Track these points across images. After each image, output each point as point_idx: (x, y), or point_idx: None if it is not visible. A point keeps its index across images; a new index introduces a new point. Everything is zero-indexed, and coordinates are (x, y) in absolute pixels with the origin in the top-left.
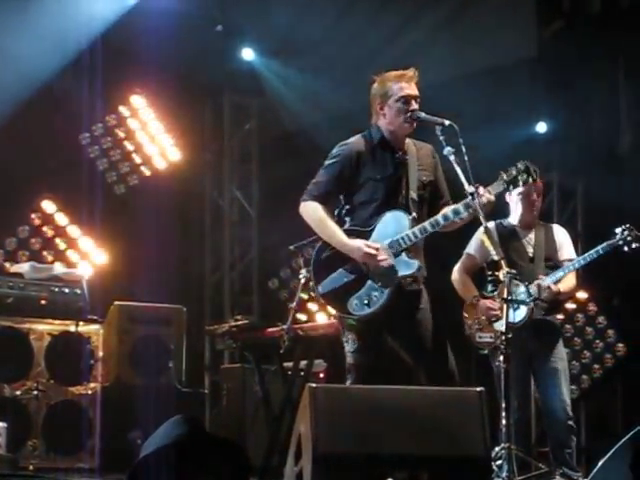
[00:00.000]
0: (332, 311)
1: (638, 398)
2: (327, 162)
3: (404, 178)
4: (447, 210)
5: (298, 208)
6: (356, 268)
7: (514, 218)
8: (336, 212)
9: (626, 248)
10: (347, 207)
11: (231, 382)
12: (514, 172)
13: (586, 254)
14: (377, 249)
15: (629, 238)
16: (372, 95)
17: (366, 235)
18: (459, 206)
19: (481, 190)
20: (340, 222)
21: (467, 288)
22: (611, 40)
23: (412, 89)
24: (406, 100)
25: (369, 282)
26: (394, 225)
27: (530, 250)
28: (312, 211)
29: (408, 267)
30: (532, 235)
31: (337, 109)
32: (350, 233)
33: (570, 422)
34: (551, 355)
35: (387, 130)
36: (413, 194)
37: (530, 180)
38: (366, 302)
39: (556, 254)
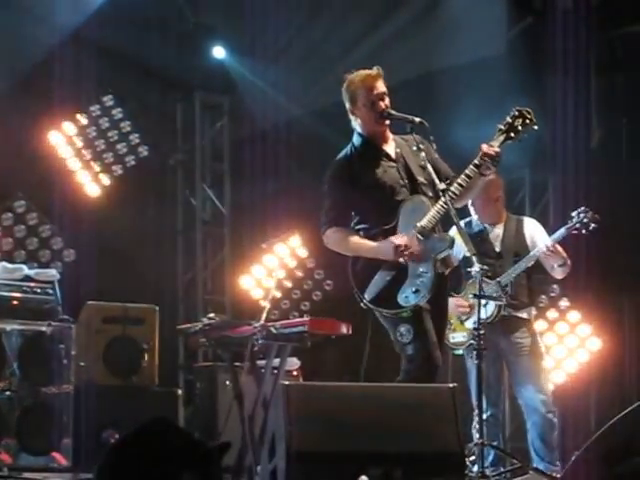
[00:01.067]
0: (384, 312)
1: (611, 394)
2: (325, 187)
3: (404, 168)
4: (459, 179)
5: (271, 206)
6: (394, 265)
7: (480, 215)
8: (352, 225)
9: (584, 230)
10: (359, 217)
11: (204, 381)
12: (509, 119)
13: (546, 241)
14: (405, 243)
15: (586, 220)
16: (343, 98)
17: (392, 231)
18: (467, 170)
19: (484, 147)
20: (359, 232)
21: None
22: (580, 36)
23: (378, 87)
24: (374, 100)
25: (410, 272)
26: (415, 211)
27: (497, 247)
28: (332, 237)
29: (442, 243)
30: (500, 230)
31: (309, 106)
32: (377, 235)
33: (550, 415)
34: (523, 349)
35: (366, 131)
36: (420, 178)
37: (529, 123)
38: (414, 290)
39: (526, 248)
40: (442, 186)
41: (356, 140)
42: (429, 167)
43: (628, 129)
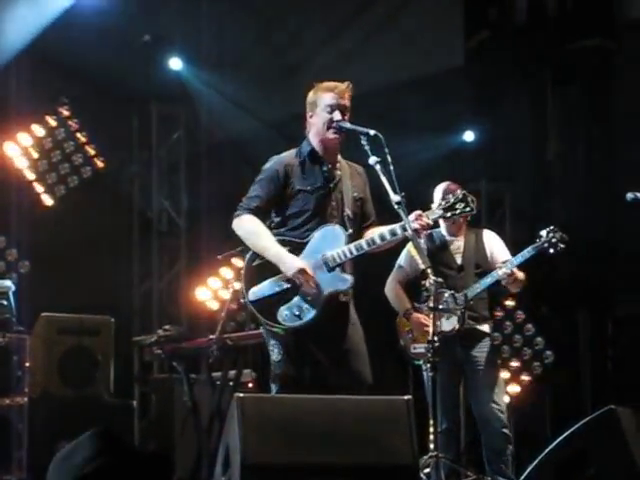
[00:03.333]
0: (260, 319)
1: (565, 405)
2: (259, 177)
3: (337, 194)
4: (384, 230)
5: (228, 218)
6: (288, 279)
7: (442, 227)
8: (267, 224)
9: (552, 250)
10: (277, 219)
11: (160, 393)
12: (452, 200)
13: (513, 258)
14: (308, 271)
15: (554, 240)
16: (306, 104)
17: (301, 247)
18: (396, 227)
19: (419, 217)
20: (272, 233)
21: (399, 300)
22: (537, 49)
23: (341, 100)
24: (332, 110)
25: (300, 294)
26: (330, 240)
27: (459, 259)
28: (247, 224)
29: (342, 282)
30: (461, 243)
31: (266, 119)
32: (285, 244)
33: (505, 430)
34: (483, 364)
35: (316, 141)
36: (348, 210)
37: (467, 210)
38: (297, 313)
39: (487, 260)
40: (396, 197)
41: (304, 147)
42: (381, 177)
43: (584, 142)
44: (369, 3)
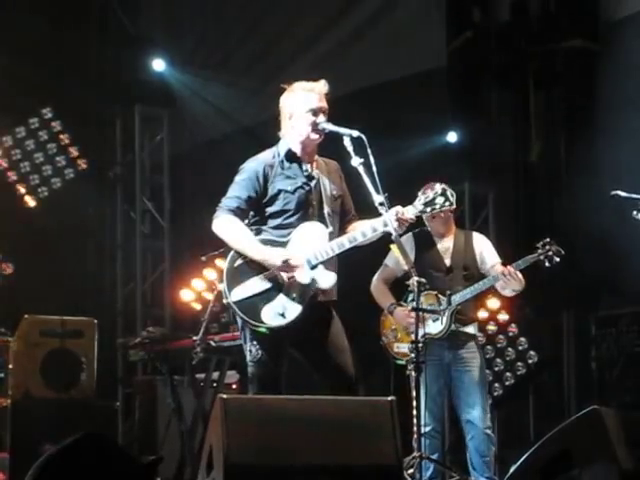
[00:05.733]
0: (242, 319)
1: (549, 406)
2: (237, 177)
3: (316, 192)
4: (365, 227)
5: (210, 220)
6: (271, 278)
7: (430, 228)
8: (246, 222)
9: (547, 263)
10: (257, 218)
11: (143, 394)
12: (431, 195)
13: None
14: (294, 262)
15: (550, 253)
16: (281, 106)
17: (282, 246)
18: (377, 223)
19: (400, 212)
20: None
21: (383, 296)
22: (520, 50)
23: (320, 102)
24: (314, 112)
25: (284, 293)
26: (311, 237)
27: (447, 260)
28: (227, 224)
29: (326, 279)
30: (450, 244)
31: (248, 120)
32: (265, 243)
33: (488, 431)
34: (468, 365)
35: (296, 142)
36: (327, 208)
37: (447, 204)
38: (281, 313)
39: (475, 263)
40: (379, 198)
41: (281, 147)
42: (364, 178)
43: (567, 143)
44: (352, 4)
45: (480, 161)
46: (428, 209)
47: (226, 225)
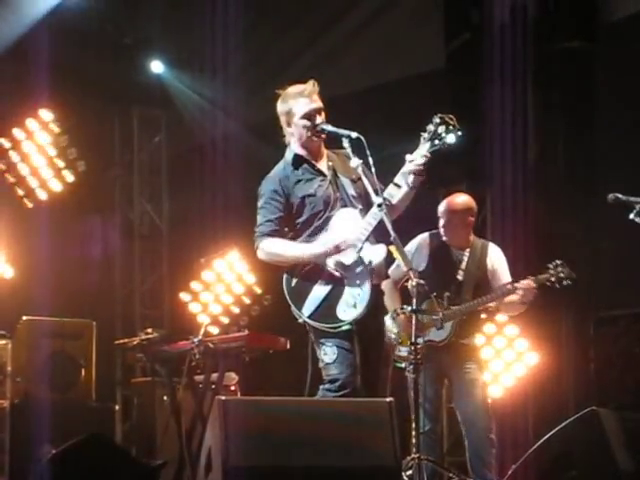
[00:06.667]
0: (325, 327)
1: (547, 408)
2: (259, 202)
3: (335, 182)
4: (388, 189)
5: (210, 221)
6: (329, 279)
7: (448, 239)
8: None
9: (557, 285)
10: (291, 232)
11: (142, 396)
12: (432, 127)
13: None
14: (344, 246)
15: (561, 275)
16: (278, 113)
17: None
18: (395, 180)
19: (408, 157)
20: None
21: (391, 300)
22: (518, 51)
23: (314, 103)
24: (310, 116)
25: (347, 286)
26: (346, 223)
27: (460, 276)
28: (268, 248)
29: (377, 253)
30: (465, 257)
31: (246, 121)
32: None
33: (488, 433)
34: (467, 367)
35: (300, 147)
36: (350, 191)
37: (452, 129)
38: (353, 304)
39: (487, 279)
40: (378, 200)
41: (288, 155)
42: (363, 179)
43: (565, 144)
44: (350, 6)
45: (478, 162)
46: (436, 142)
47: (268, 249)
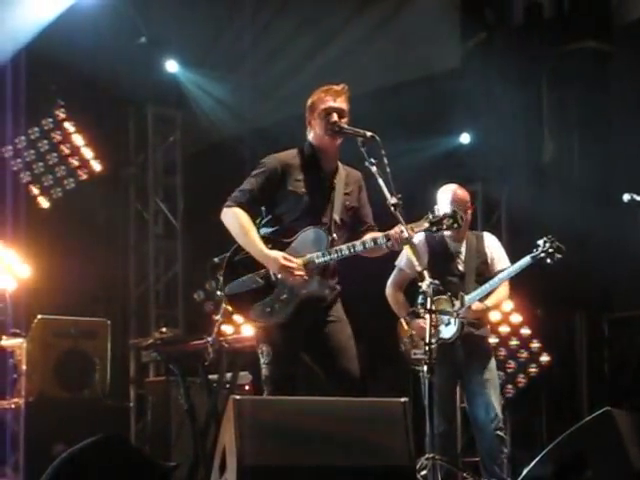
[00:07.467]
0: (234, 314)
1: (561, 408)
2: (255, 171)
3: (329, 199)
4: (367, 238)
5: (221, 213)
6: (266, 276)
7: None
8: (257, 221)
9: (549, 260)
10: (267, 218)
11: (156, 395)
12: (441, 215)
13: (510, 269)
14: (296, 264)
15: (551, 250)
16: (305, 107)
17: (284, 247)
18: (380, 237)
19: (401, 232)
20: (259, 231)
21: (399, 305)
22: (533, 50)
23: (336, 102)
24: (328, 113)
25: (276, 292)
26: (313, 243)
27: (461, 266)
28: (234, 216)
29: (320, 287)
30: (463, 249)
31: (261, 121)
32: (268, 241)
33: (500, 432)
34: (481, 367)
35: (316, 144)
36: (336, 216)
37: (455, 226)
38: (268, 311)
39: (487, 267)
40: (393, 200)
41: (305, 150)
42: (378, 179)
43: (580, 144)
44: (366, 5)
45: (493, 162)
46: (434, 228)
47: (233, 217)
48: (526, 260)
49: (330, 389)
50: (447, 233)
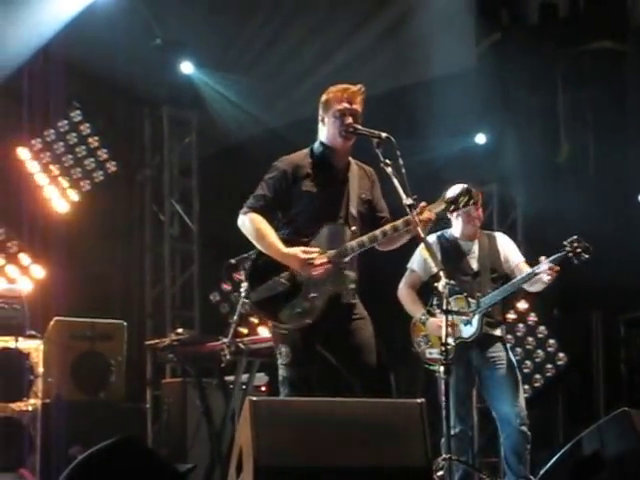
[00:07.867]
0: (265, 320)
1: (578, 408)
2: (267, 175)
3: (344, 194)
4: (386, 226)
5: (238, 221)
6: (291, 277)
7: (456, 231)
8: (274, 225)
9: (576, 261)
10: (284, 220)
11: (172, 397)
12: (456, 195)
13: (535, 268)
14: (317, 253)
15: (578, 250)
16: (319, 106)
17: (303, 245)
18: (398, 223)
19: (425, 211)
20: (277, 234)
21: (414, 305)
22: (549, 51)
23: (352, 104)
24: (342, 113)
25: (303, 292)
26: (333, 238)
27: (474, 264)
28: (251, 222)
29: (345, 280)
30: (475, 247)
31: (276, 123)
32: (286, 243)
33: (524, 428)
34: (497, 363)
35: (328, 143)
36: (353, 210)
37: (471, 203)
38: (299, 311)
39: (501, 265)
40: (409, 201)
41: (317, 148)
42: (393, 180)
43: (595, 144)
44: (381, 6)
45: (508, 162)
46: (452, 207)
47: (250, 223)
48: (551, 260)
49: (353, 385)
50: (458, 233)
